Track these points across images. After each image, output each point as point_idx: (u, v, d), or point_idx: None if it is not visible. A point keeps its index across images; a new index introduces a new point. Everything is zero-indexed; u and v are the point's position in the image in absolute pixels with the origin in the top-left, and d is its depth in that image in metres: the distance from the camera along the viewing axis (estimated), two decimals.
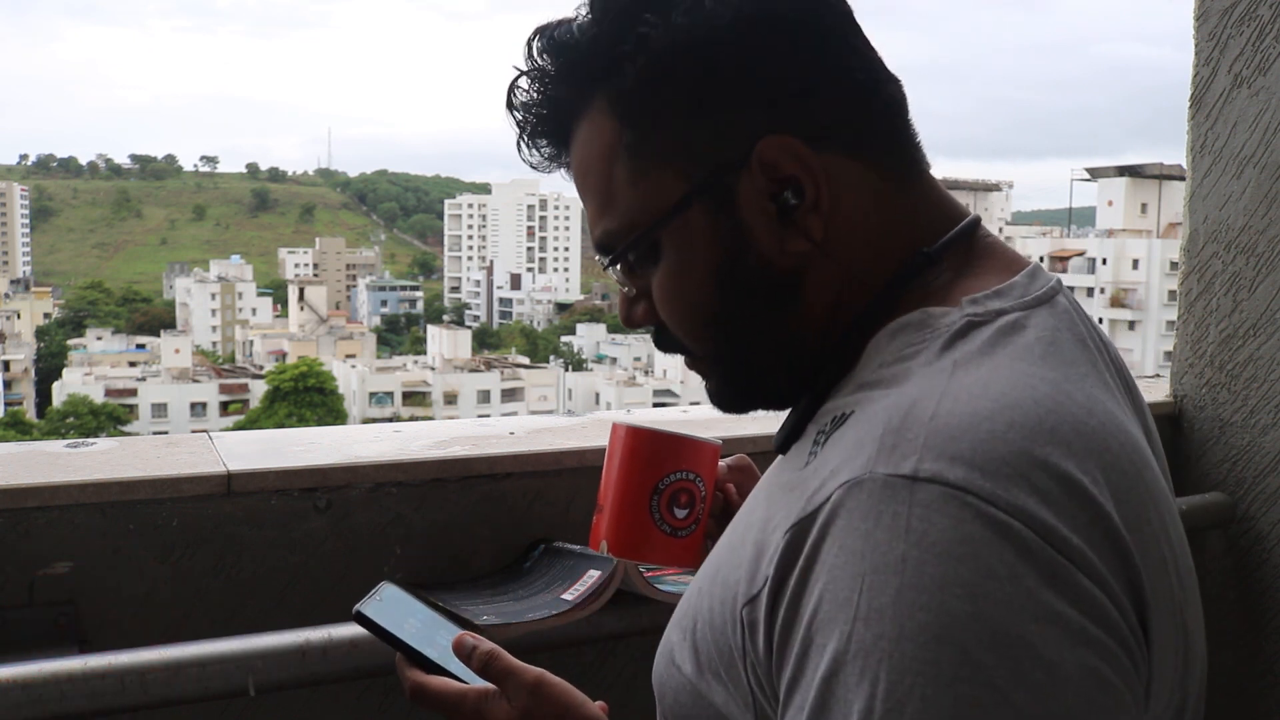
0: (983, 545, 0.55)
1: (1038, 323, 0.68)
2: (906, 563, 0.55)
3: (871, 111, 0.73)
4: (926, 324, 0.69)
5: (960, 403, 0.61)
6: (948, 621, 0.54)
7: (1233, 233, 1.84)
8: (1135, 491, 0.62)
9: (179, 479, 1.26)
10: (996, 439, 0.58)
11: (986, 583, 0.54)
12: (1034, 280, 0.72)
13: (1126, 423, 0.66)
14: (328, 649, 1.12)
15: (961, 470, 0.57)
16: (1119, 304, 53.81)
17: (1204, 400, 1.92)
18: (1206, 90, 1.85)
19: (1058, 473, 0.58)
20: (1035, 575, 0.55)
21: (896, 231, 0.73)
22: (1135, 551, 0.59)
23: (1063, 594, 0.55)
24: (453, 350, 71.73)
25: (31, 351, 78.24)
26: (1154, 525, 0.63)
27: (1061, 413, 0.61)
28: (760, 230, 0.71)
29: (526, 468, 1.43)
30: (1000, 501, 0.56)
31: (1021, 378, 0.63)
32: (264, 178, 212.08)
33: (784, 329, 0.74)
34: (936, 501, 0.56)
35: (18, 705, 1.00)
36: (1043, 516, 0.56)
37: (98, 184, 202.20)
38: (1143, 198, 58.83)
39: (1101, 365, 0.70)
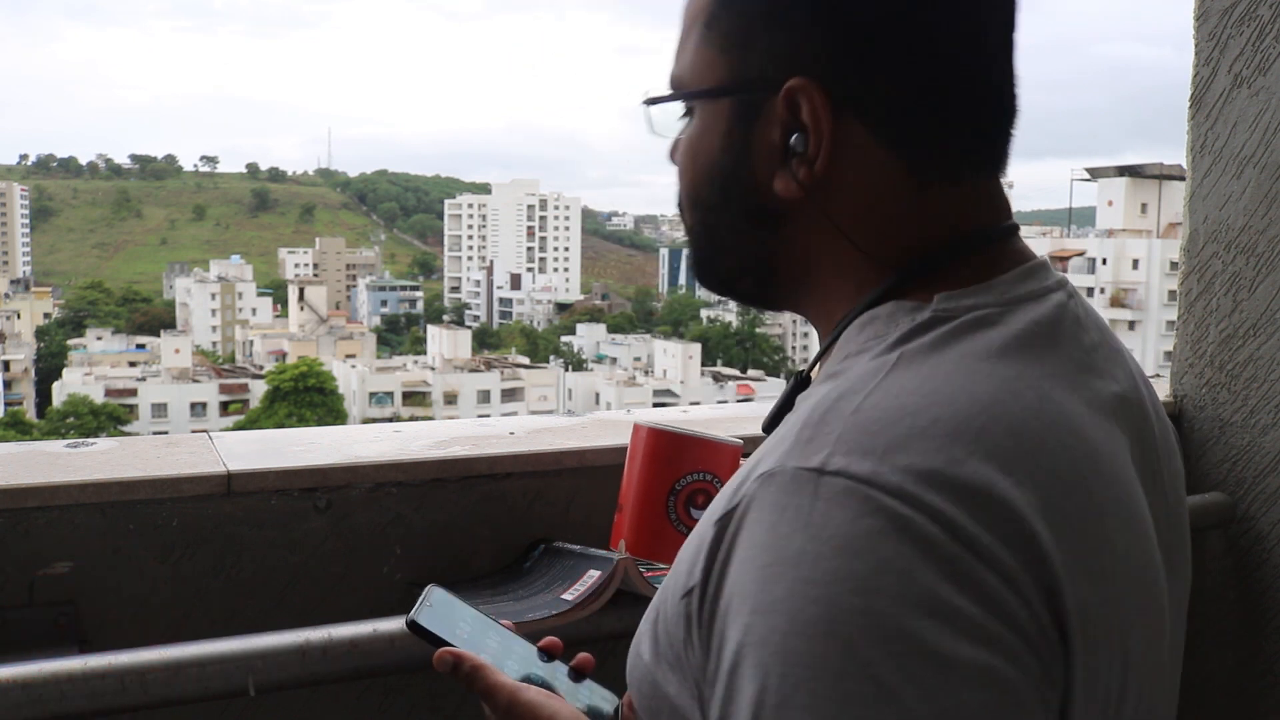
0: (880, 539, 0.55)
1: (1014, 319, 0.67)
2: (803, 556, 0.55)
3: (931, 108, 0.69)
4: (893, 317, 0.68)
5: (889, 397, 0.61)
6: (837, 615, 0.54)
7: (1233, 233, 1.84)
8: (1073, 499, 0.60)
9: (179, 479, 1.26)
10: (915, 434, 0.58)
11: (879, 577, 0.54)
12: (1028, 278, 0.70)
13: (1088, 428, 0.64)
14: (328, 649, 1.12)
15: (870, 464, 0.57)
16: (1119, 304, 53.82)
17: (1204, 400, 1.92)
18: (1206, 90, 1.85)
19: (972, 471, 0.57)
20: (934, 570, 0.54)
21: (905, 229, 0.71)
22: (1058, 559, 0.57)
23: (964, 589, 0.54)
24: (453, 350, 71.73)
25: (31, 351, 78.24)
26: (1095, 535, 0.61)
27: (997, 411, 0.60)
28: (760, 157, 0.71)
29: (526, 468, 1.43)
30: (905, 496, 0.56)
31: (965, 374, 0.63)
32: (264, 178, 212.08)
33: (756, 250, 0.75)
34: (839, 495, 0.56)
35: (18, 705, 1.00)
36: (949, 513, 0.55)
37: (98, 184, 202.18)
38: (1143, 198, 58.83)
39: (1084, 368, 0.68)
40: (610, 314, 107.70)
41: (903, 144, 0.69)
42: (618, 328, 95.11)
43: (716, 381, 62.37)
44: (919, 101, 0.68)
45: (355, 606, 1.28)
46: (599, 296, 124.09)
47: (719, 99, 0.73)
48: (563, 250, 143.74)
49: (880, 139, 0.69)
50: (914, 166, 0.70)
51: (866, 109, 0.68)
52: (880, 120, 0.69)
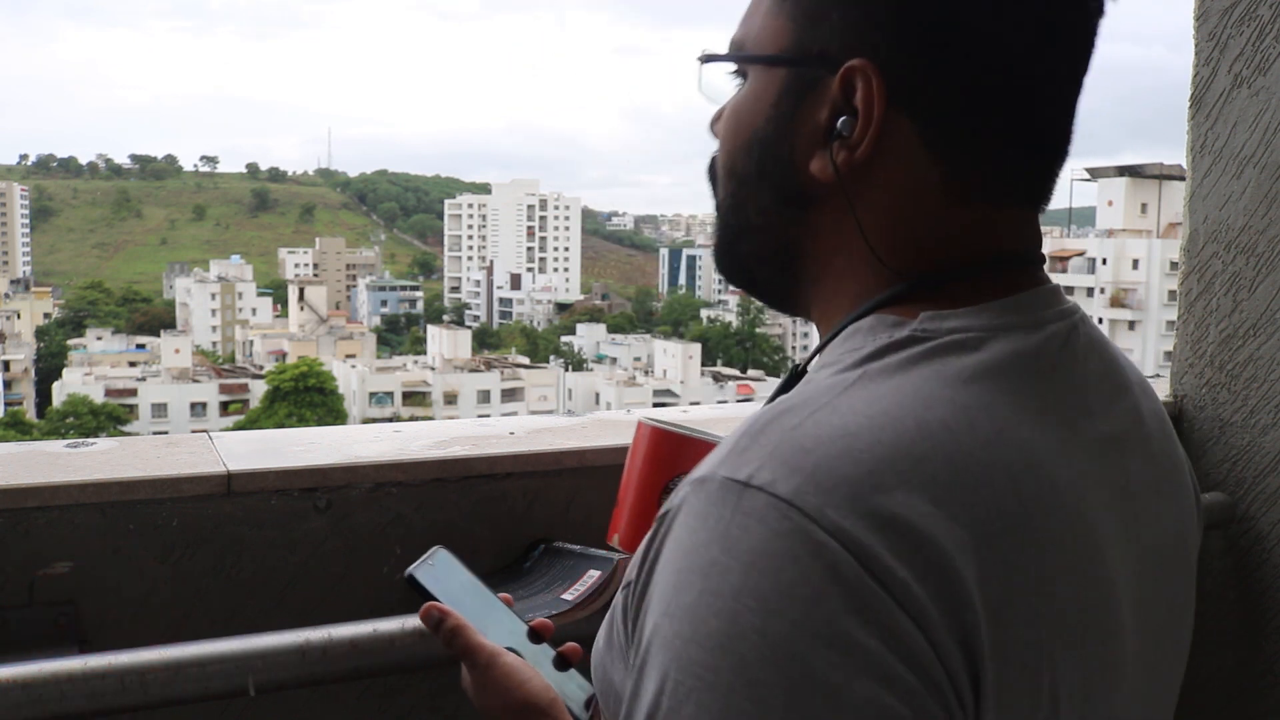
0: (789, 562, 0.54)
1: (995, 346, 0.64)
2: (713, 567, 0.55)
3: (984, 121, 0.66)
4: (873, 331, 0.66)
5: (835, 415, 0.59)
6: (735, 632, 0.53)
7: (1233, 233, 1.84)
8: (1011, 538, 0.58)
9: (179, 479, 1.26)
10: (849, 456, 0.56)
11: (783, 600, 0.53)
12: (1027, 306, 0.67)
13: (1050, 465, 0.62)
14: (328, 649, 1.12)
15: (795, 482, 0.55)
16: (1119, 304, 53.84)
17: (1204, 400, 1.92)
18: (1206, 90, 1.85)
19: (900, 501, 0.55)
20: (841, 600, 0.53)
21: (925, 242, 0.68)
22: (979, 599, 0.55)
23: (869, 624, 0.53)
24: (453, 350, 71.74)
25: (31, 351, 78.25)
26: (1031, 579, 0.58)
27: (943, 439, 0.58)
28: (804, 133, 0.69)
29: (526, 468, 1.43)
30: (824, 520, 0.54)
31: (922, 399, 0.60)
32: (264, 178, 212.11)
33: (779, 233, 0.73)
34: (759, 510, 0.55)
35: (18, 705, 1.00)
36: (867, 543, 0.54)
37: (98, 184, 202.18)
38: (1143, 198, 58.84)
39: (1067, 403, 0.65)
40: (610, 314, 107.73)
41: (947, 151, 0.67)
42: (618, 328, 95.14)
43: (716, 381, 62.39)
44: (974, 111, 0.66)
45: (355, 606, 1.28)
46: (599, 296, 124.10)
47: (776, 68, 0.70)
48: (563, 250, 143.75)
49: (926, 140, 0.66)
50: (951, 178, 0.67)
51: (920, 106, 0.66)
52: (931, 121, 0.66)
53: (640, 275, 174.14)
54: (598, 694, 0.70)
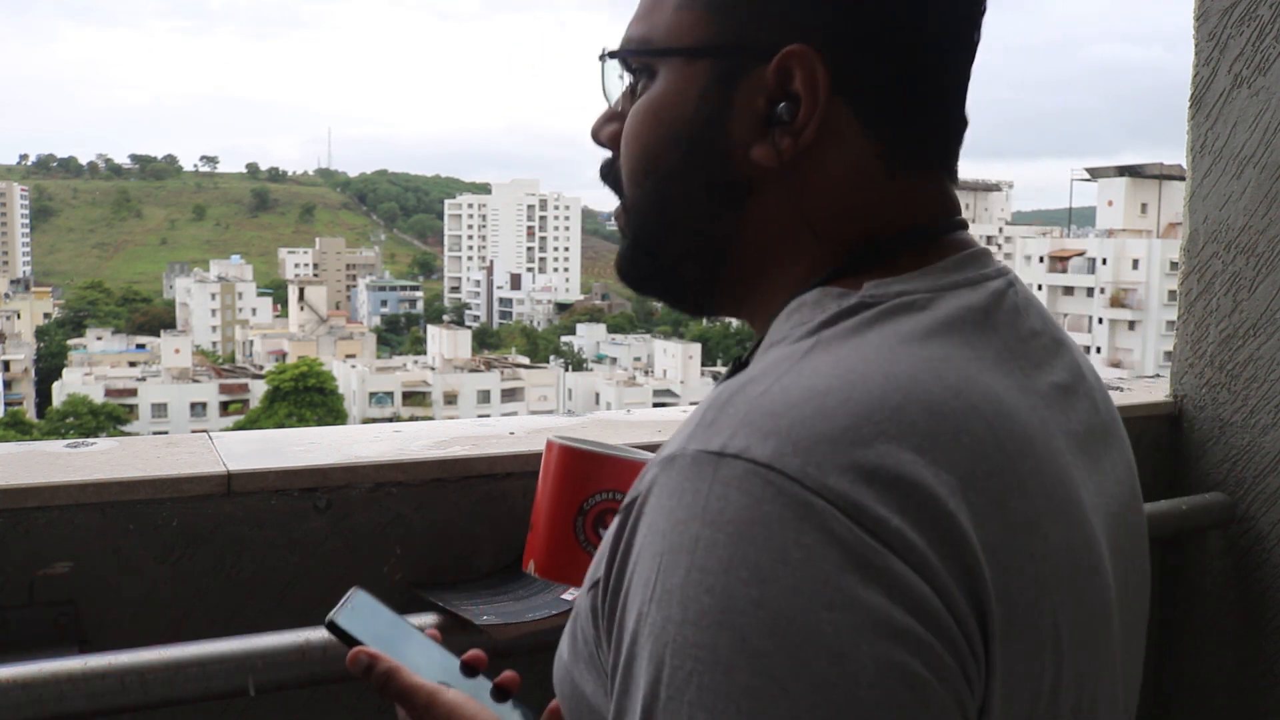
0: (778, 526, 0.52)
1: (943, 304, 0.65)
2: (699, 543, 0.53)
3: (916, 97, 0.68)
4: (819, 303, 0.66)
5: (800, 378, 0.58)
6: (729, 606, 0.51)
7: (1233, 233, 1.84)
8: (998, 479, 0.58)
9: (179, 479, 1.26)
10: (822, 415, 0.55)
11: (776, 566, 0.51)
12: (964, 266, 0.69)
13: (1020, 411, 0.62)
14: (328, 649, 1.12)
15: (771, 445, 0.54)
16: (1119, 304, 53.82)
17: (1204, 400, 1.92)
18: (1206, 90, 1.85)
19: (883, 451, 0.54)
20: (837, 559, 0.51)
21: (865, 218, 0.69)
22: (977, 540, 0.55)
23: (870, 580, 0.51)
24: (453, 350, 71.74)
25: (31, 351, 78.24)
26: (1022, 518, 0.58)
27: (914, 390, 0.57)
28: (739, 122, 0.69)
29: (526, 468, 1.43)
30: (808, 479, 0.52)
31: (885, 356, 0.60)
32: (264, 178, 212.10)
33: (713, 224, 0.72)
34: (738, 478, 0.53)
35: (18, 705, 1.00)
36: (855, 497, 0.52)
37: (98, 184, 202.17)
38: (1143, 198, 58.85)
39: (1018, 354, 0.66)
40: (610, 314, 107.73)
41: (883, 128, 0.68)
42: (618, 328, 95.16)
43: (716, 381, 62.22)
44: (907, 88, 0.68)
45: None
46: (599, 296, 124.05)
47: (698, 60, 0.69)
48: (563, 250, 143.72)
49: (863, 120, 0.67)
50: (888, 153, 0.68)
51: (857, 87, 0.67)
52: (868, 100, 0.67)
53: None
54: (566, 711, 0.66)
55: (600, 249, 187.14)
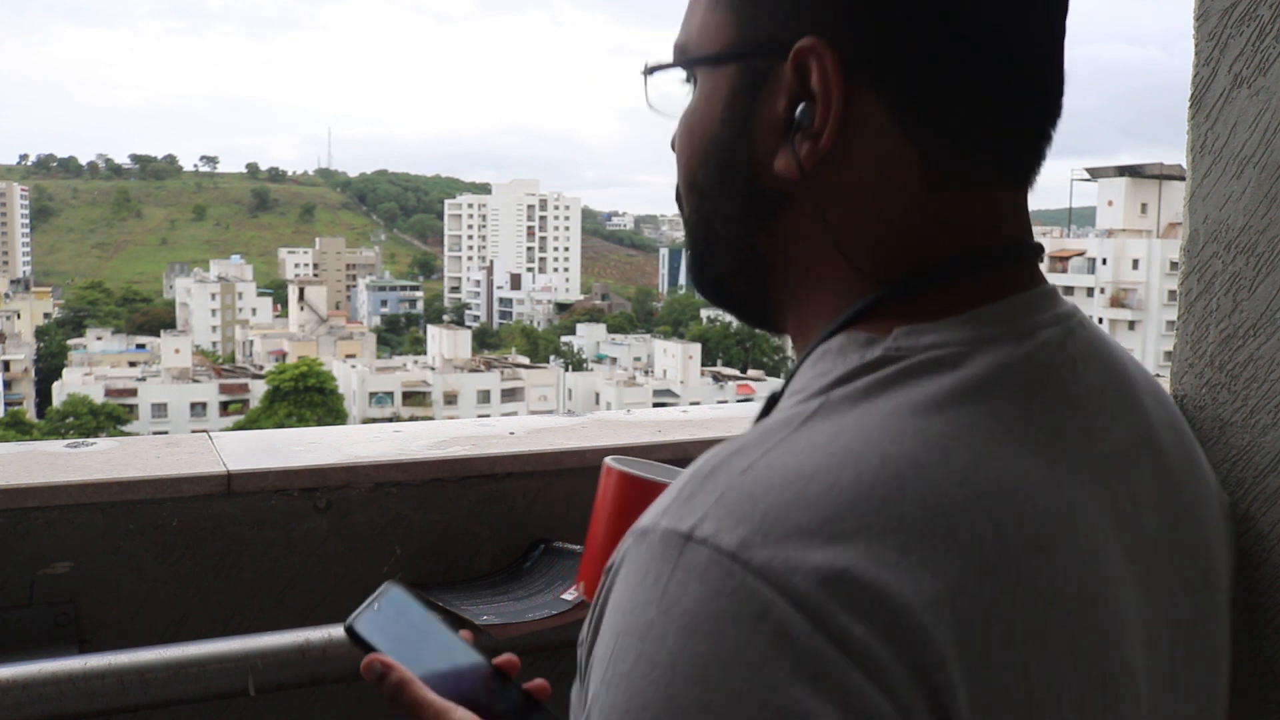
0: (732, 624, 0.48)
1: (977, 362, 0.57)
2: (651, 630, 0.49)
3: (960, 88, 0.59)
4: (843, 352, 0.60)
5: (790, 455, 0.53)
6: (672, 705, 0.48)
7: (1233, 233, 1.84)
8: (995, 581, 0.52)
9: (179, 479, 1.26)
10: (801, 503, 0.51)
11: (724, 667, 0.47)
12: (1018, 312, 0.60)
13: (1039, 493, 0.55)
14: (328, 649, 1.12)
15: (741, 534, 0.50)
16: (1119, 304, 53.83)
17: (1204, 400, 1.92)
18: (1206, 90, 1.85)
19: (858, 552, 0.49)
20: (789, 666, 0.47)
21: (904, 237, 0.61)
22: (954, 653, 0.49)
23: (820, 690, 0.47)
24: (453, 350, 71.72)
25: (31, 351, 78.23)
26: (1021, 627, 0.53)
27: (911, 477, 0.52)
28: (762, 130, 0.62)
29: (526, 468, 1.43)
30: (771, 576, 0.48)
31: (889, 430, 0.54)
32: (264, 178, 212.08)
33: (751, 240, 0.66)
34: (700, 566, 0.50)
35: (18, 705, 1.00)
36: (819, 600, 0.48)
37: (98, 184, 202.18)
38: (1143, 198, 58.84)
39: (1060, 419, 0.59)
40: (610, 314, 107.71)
41: (922, 129, 0.59)
42: (618, 328, 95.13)
43: (716, 381, 62.34)
44: (947, 80, 0.58)
45: (355, 606, 1.28)
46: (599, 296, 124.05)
47: (724, 65, 0.63)
48: (563, 250, 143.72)
49: (897, 117, 0.59)
50: (930, 158, 0.59)
51: (884, 78, 0.58)
52: (899, 93, 0.59)
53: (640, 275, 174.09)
54: None
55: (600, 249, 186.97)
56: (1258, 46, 1.77)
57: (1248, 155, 1.82)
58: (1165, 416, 0.69)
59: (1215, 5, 1.83)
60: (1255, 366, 1.84)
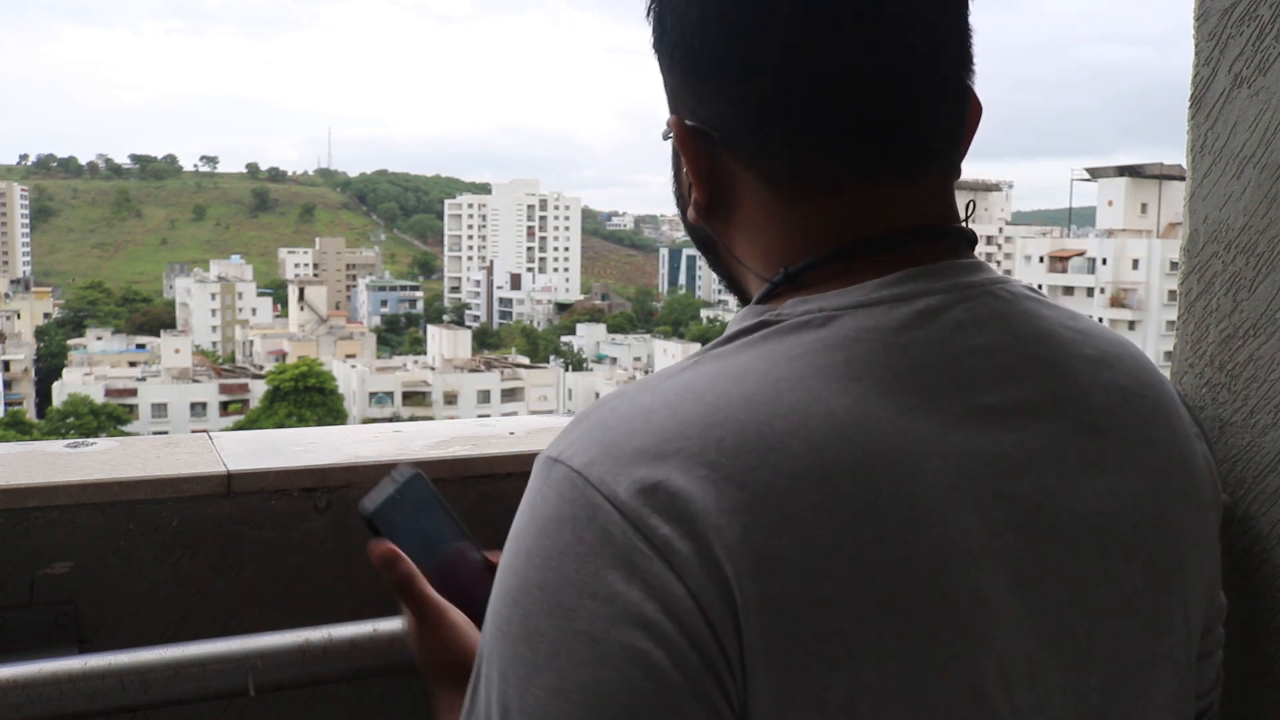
0: (569, 523, 0.60)
1: (848, 321, 0.65)
2: (520, 532, 0.63)
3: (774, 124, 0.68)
4: (739, 321, 0.71)
5: (650, 395, 0.65)
6: (522, 586, 0.61)
7: (1233, 233, 1.84)
8: (805, 498, 0.59)
9: (179, 479, 1.26)
10: (641, 431, 0.62)
11: (560, 558, 0.60)
12: (903, 282, 0.67)
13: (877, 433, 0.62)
14: (328, 649, 1.12)
15: (588, 455, 0.62)
16: (1119, 304, 53.82)
17: (1204, 400, 1.92)
18: (1206, 90, 1.85)
19: (673, 469, 0.60)
20: (608, 556, 0.59)
21: (786, 248, 0.71)
22: (751, 556, 0.58)
23: (631, 577, 0.58)
24: (453, 350, 71.74)
25: (31, 351, 78.24)
26: (828, 538, 0.59)
27: (737, 409, 0.61)
28: (684, 188, 0.77)
29: (526, 468, 1.41)
30: (603, 487, 0.60)
31: (735, 374, 0.64)
32: (264, 178, 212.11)
33: (714, 265, 0.82)
34: (556, 481, 0.62)
35: (18, 705, 1.00)
36: (634, 505, 0.59)
37: (98, 184, 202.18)
38: (1143, 198, 58.83)
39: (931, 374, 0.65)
40: (610, 314, 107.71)
41: (758, 164, 0.71)
42: (618, 328, 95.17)
43: None
44: (759, 120, 0.69)
45: (355, 606, 1.28)
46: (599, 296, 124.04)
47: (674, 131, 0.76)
48: (563, 250, 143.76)
49: (742, 163, 0.71)
50: (775, 185, 0.71)
51: (726, 136, 0.71)
52: (736, 144, 0.71)
53: (640, 275, 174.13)
54: None
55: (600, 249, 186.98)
56: (1258, 46, 1.77)
57: (1248, 155, 1.81)
58: (1117, 381, 0.73)
59: (1215, 5, 1.83)
60: (1255, 366, 1.84)
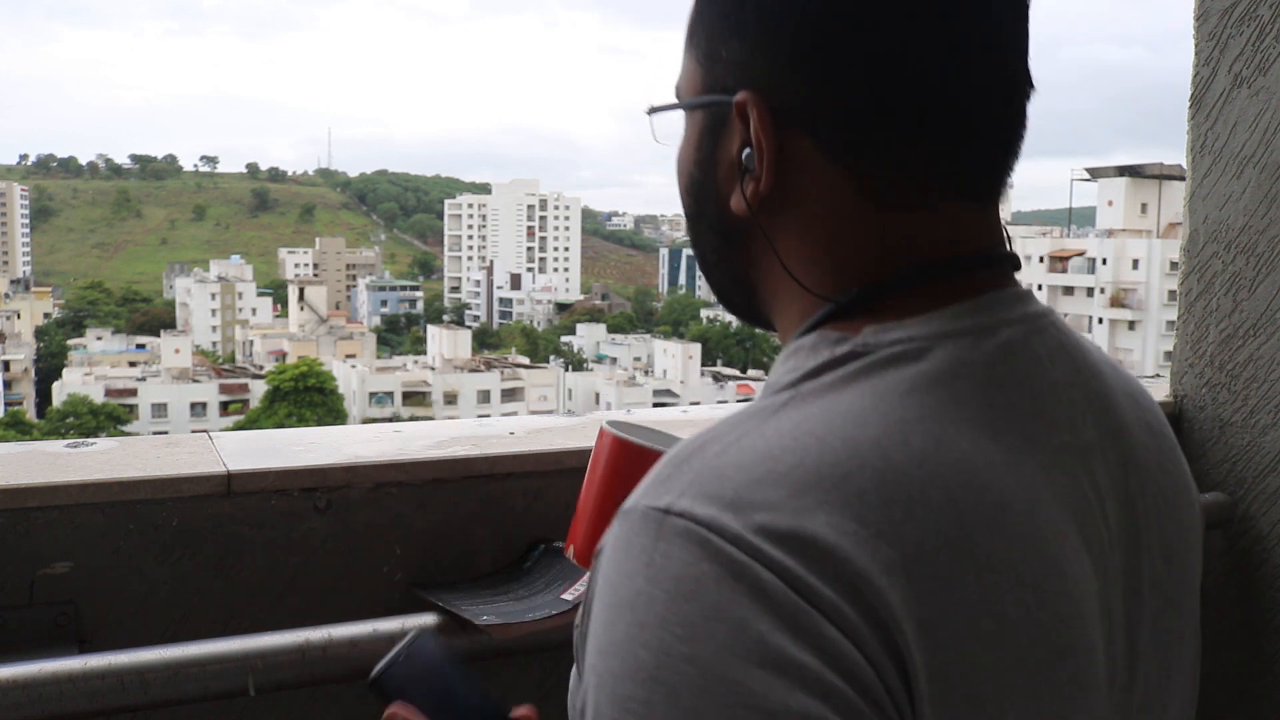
0: (713, 585, 0.53)
1: (943, 354, 0.62)
2: (639, 598, 0.54)
3: (887, 123, 0.64)
4: (815, 349, 0.65)
5: (760, 440, 0.58)
6: (664, 663, 0.52)
7: (1233, 233, 1.84)
8: (952, 555, 0.56)
9: (179, 479, 1.26)
10: (768, 481, 0.56)
11: (709, 624, 0.52)
12: (981, 310, 0.65)
13: (996, 480, 0.59)
14: (328, 649, 1.12)
15: (714, 508, 0.55)
16: (1119, 304, 53.82)
17: (1204, 400, 1.92)
18: (1206, 90, 1.85)
19: (819, 523, 0.54)
20: (770, 619, 0.52)
21: (853, 259, 0.66)
22: (913, 619, 0.54)
23: (800, 639, 0.52)
24: (453, 350, 71.73)
25: (31, 351, 78.24)
26: (970, 596, 0.56)
27: (871, 457, 0.57)
28: (723, 171, 0.69)
29: (526, 468, 1.43)
30: (743, 544, 0.53)
31: (850, 416, 0.59)
32: (264, 178, 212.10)
33: (731, 267, 0.73)
34: (679, 537, 0.55)
35: (18, 705, 1.00)
36: (785, 564, 0.53)
37: (98, 184, 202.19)
38: (1143, 198, 58.82)
39: (1021, 411, 0.63)
40: (610, 314, 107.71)
41: (853, 162, 0.64)
42: (618, 328, 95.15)
43: (716, 381, 62.35)
44: (871, 115, 0.63)
45: (355, 606, 1.28)
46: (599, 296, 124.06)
47: (694, 110, 0.71)
48: (563, 250, 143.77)
49: (829, 157, 0.65)
50: (865, 187, 0.65)
51: (814, 123, 0.64)
52: (828, 135, 0.64)
53: (640, 275, 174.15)
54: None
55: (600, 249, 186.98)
56: (1258, 46, 1.77)
57: (1248, 155, 1.81)
58: (1142, 418, 0.72)
59: (1215, 5, 1.83)
60: (1255, 366, 1.84)
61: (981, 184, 0.67)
